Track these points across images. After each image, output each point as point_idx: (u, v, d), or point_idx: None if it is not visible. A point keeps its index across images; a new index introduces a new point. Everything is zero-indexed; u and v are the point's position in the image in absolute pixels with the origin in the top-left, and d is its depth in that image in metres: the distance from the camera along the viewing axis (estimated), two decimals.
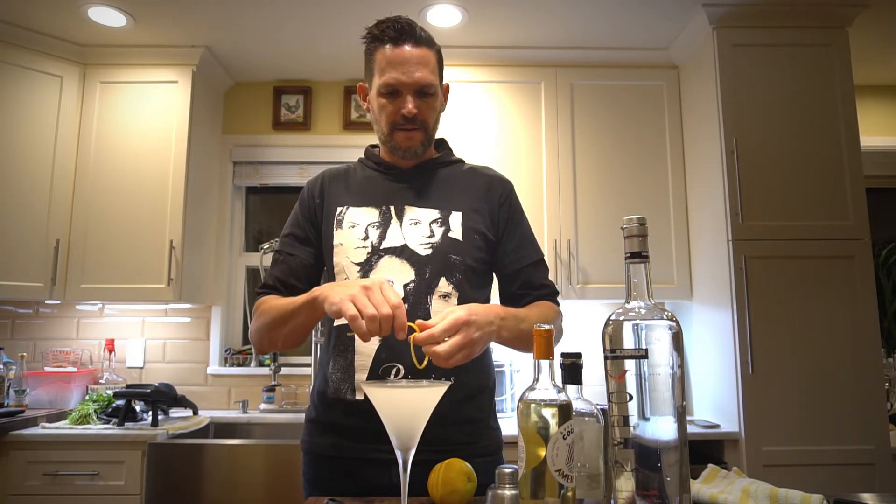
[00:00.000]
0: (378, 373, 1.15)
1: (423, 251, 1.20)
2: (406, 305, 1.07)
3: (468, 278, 1.22)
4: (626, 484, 0.76)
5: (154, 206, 2.64)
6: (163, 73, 2.73)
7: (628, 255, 0.82)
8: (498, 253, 1.29)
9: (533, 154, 2.70)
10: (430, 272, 1.19)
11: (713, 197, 2.44)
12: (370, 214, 1.24)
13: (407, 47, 1.21)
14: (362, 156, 1.37)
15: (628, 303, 0.81)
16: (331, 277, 1.25)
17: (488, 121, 2.71)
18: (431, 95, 1.24)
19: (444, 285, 1.19)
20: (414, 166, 1.30)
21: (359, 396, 1.15)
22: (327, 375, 1.21)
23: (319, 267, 1.29)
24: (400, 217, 1.23)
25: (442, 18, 2.52)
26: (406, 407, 0.82)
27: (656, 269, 2.59)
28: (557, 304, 1.31)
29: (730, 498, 0.90)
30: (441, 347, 0.96)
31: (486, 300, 1.30)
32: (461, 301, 1.19)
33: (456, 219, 1.24)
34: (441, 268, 1.19)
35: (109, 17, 2.51)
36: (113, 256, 2.61)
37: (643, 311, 0.78)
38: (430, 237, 1.21)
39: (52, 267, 2.56)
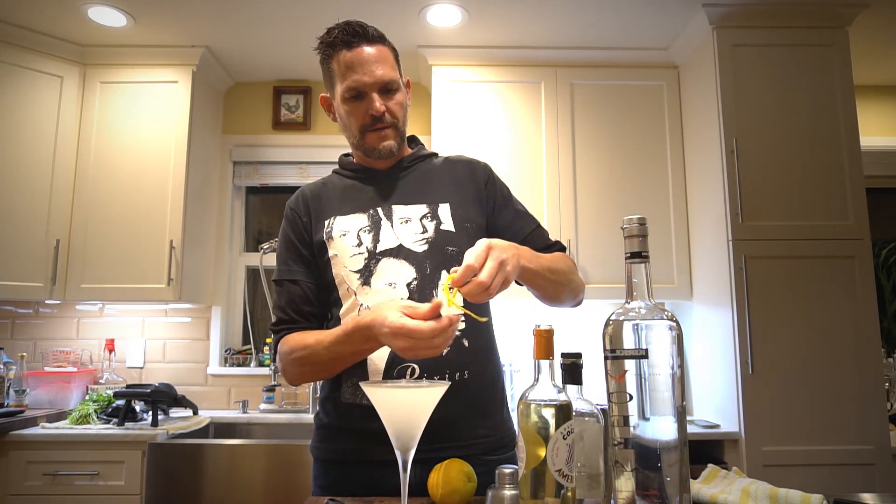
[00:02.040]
0: (393, 375, 1.14)
1: (420, 248, 1.20)
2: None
3: None
4: (626, 484, 0.76)
5: (154, 206, 2.64)
6: (163, 73, 2.73)
7: (628, 255, 0.82)
8: (496, 232, 1.28)
9: (533, 154, 2.70)
10: (431, 267, 1.19)
11: (713, 197, 2.44)
12: (359, 220, 1.23)
13: (363, 48, 1.21)
14: (337, 167, 1.36)
15: (628, 303, 0.81)
16: (332, 290, 1.23)
17: (488, 121, 2.71)
18: (396, 91, 1.24)
19: (441, 276, 1.19)
20: (391, 166, 1.29)
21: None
22: (340, 380, 1.20)
23: (324, 285, 1.26)
24: (389, 218, 1.22)
25: (442, 18, 2.52)
26: (405, 407, 0.82)
27: (656, 269, 2.59)
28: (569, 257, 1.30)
29: (730, 498, 0.90)
30: (480, 276, 0.92)
31: None
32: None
33: (445, 210, 1.23)
34: (440, 261, 1.19)
35: (109, 17, 2.51)
36: (113, 256, 2.61)
37: (643, 311, 0.79)
38: (423, 233, 1.21)
39: (52, 267, 2.56)
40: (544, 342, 0.82)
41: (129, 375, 2.86)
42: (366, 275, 1.19)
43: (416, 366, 1.13)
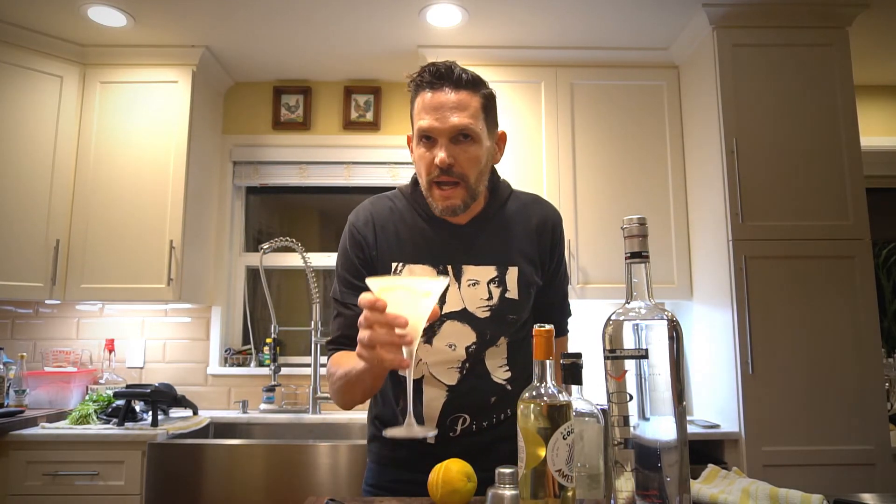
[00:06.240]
0: (446, 423, 1.18)
1: (482, 314, 1.20)
2: (467, 366, 1.18)
3: (518, 329, 1.25)
4: (626, 484, 0.76)
5: (154, 206, 2.64)
6: (163, 73, 2.73)
7: (628, 255, 0.82)
8: (539, 293, 1.29)
9: (533, 154, 2.70)
10: (490, 334, 1.21)
11: (713, 197, 2.44)
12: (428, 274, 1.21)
13: (445, 91, 1.14)
14: (406, 186, 1.29)
15: (628, 303, 0.81)
16: None
17: None
18: (472, 142, 1.14)
19: (499, 340, 1.22)
20: (467, 223, 1.24)
21: (430, 441, 1.19)
22: (396, 412, 1.23)
23: None
24: (458, 278, 1.20)
25: (442, 18, 2.52)
26: (406, 299, 0.89)
27: (656, 269, 2.59)
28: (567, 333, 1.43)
29: (730, 498, 0.90)
30: None
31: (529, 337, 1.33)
32: (509, 347, 1.23)
33: (512, 276, 1.22)
34: (499, 328, 1.21)
35: (109, 17, 2.51)
36: (113, 256, 2.61)
37: (643, 311, 0.79)
38: (488, 300, 1.20)
39: (52, 267, 2.56)
40: (544, 342, 0.82)
41: (129, 375, 2.86)
42: (429, 334, 1.20)
43: (466, 416, 1.19)
